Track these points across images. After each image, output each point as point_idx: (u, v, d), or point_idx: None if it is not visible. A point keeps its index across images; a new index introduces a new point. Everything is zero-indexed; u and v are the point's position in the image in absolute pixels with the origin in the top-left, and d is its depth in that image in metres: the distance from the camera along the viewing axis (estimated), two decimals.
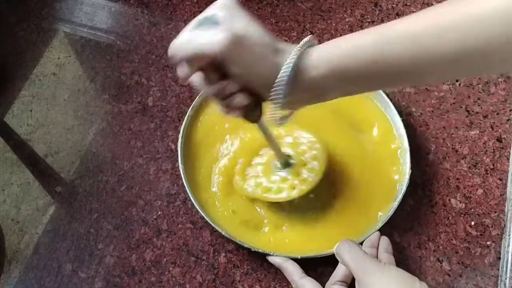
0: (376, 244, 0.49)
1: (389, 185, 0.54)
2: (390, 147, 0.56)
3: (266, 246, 0.50)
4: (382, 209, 0.52)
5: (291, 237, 0.52)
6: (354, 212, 0.53)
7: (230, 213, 0.53)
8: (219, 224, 0.51)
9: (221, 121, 0.58)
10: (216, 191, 0.54)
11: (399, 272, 0.41)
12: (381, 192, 0.53)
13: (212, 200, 0.54)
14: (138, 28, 0.70)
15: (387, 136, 0.57)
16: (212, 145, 0.57)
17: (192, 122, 0.58)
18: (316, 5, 0.70)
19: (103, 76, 0.66)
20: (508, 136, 0.58)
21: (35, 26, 0.72)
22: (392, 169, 0.55)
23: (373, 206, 0.53)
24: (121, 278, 0.52)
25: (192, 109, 0.58)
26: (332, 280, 0.46)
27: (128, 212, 0.56)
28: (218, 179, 0.55)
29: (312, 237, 0.52)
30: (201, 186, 0.55)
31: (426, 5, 0.69)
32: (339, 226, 0.52)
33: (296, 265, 0.48)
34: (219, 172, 0.55)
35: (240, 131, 0.57)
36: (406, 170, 0.53)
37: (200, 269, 0.52)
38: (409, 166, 0.53)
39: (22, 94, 0.66)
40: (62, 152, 0.61)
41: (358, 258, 0.42)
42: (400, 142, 0.56)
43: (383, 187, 0.54)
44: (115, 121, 0.62)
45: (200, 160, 0.57)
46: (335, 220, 0.52)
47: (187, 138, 0.57)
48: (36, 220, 0.56)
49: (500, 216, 0.53)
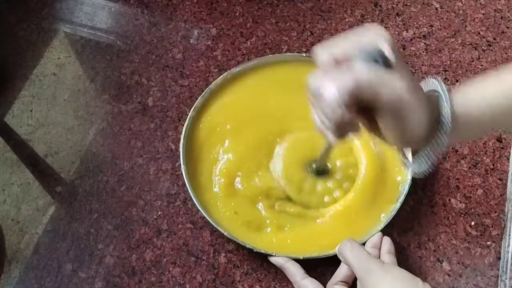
0: (379, 245, 0.49)
1: (392, 186, 0.54)
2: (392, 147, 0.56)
3: (268, 247, 0.50)
4: (385, 210, 0.52)
5: (293, 237, 0.52)
6: (356, 213, 0.53)
7: (232, 214, 0.53)
8: (221, 225, 0.51)
9: (223, 122, 0.58)
10: (217, 192, 0.54)
11: (402, 273, 0.41)
12: (384, 193, 0.53)
13: (214, 201, 0.54)
14: (138, 28, 0.70)
15: None
16: (214, 146, 0.57)
17: (194, 123, 0.58)
18: (316, 5, 0.70)
19: (103, 76, 0.66)
20: (508, 136, 0.58)
21: (35, 26, 0.72)
22: (394, 170, 0.55)
23: (375, 208, 0.53)
24: (121, 278, 0.52)
25: (194, 109, 0.58)
26: (334, 280, 0.46)
27: (128, 212, 0.56)
28: (220, 180, 0.55)
29: (315, 238, 0.52)
30: (202, 187, 0.55)
31: (426, 5, 0.69)
32: (342, 227, 0.52)
33: (297, 265, 0.48)
34: (220, 173, 0.55)
35: (242, 132, 0.57)
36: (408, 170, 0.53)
37: (200, 269, 0.52)
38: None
39: (22, 94, 0.66)
40: (62, 152, 0.61)
41: (360, 257, 0.42)
42: None
43: (386, 188, 0.54)
44: (115, 121, 0.62)
45: (202, 161, 0.56)
46: (337, 221, 0.52)
47: (189, 139, 0.57)
48: (36, 220, 0.56)
49: (500, 216, 0.53)
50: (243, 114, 0.59)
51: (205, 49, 0.67)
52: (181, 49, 0.67)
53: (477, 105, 0.36)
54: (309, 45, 0.66)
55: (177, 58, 0.67)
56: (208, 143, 0.57)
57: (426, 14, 0.68)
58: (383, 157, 0.56)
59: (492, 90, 0.37)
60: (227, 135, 0.58)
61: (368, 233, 0.50)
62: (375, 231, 0.50)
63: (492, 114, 0.36)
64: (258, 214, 0.53)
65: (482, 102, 0.36)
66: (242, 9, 0.70)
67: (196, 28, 0.69)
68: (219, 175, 0.55)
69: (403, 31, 0.67)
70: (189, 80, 0.65)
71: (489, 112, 0.36)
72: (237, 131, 0.58)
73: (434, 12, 0.68)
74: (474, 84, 0.37)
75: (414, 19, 0.68)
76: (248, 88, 0.60)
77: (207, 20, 0.70)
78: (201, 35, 0.69)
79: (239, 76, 0.61)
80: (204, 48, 0.67)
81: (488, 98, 0.36)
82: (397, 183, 0.54)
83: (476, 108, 0.36)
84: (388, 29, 0.67)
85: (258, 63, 0.61)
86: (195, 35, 0.69)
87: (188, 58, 0.67)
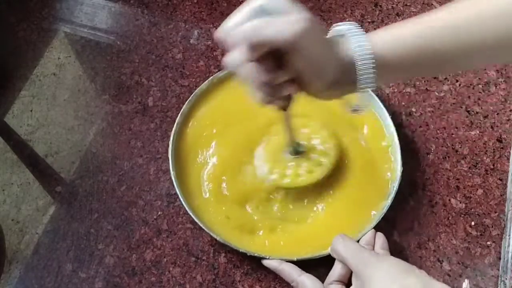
0: (372, 242, 0.49)
1: (382, 183, 0.54)
2: (380, 144, 0.56)
3: (262, 249, 0.50)
4: (376, 208, 0.52)
5: (285, 238, 0.52)
6: (347, 212, 0.53)
7: (224, 218, 0.53)
8: (213, 230, 0.51)
9: (210, 126, 0.59)
10: (208, 197, 0.54)
11: (396, 261, 0.41)
12: (374, 190, 0.53)
13: (205, 206, 0.54)
14: (138, 28, 0.70)
15: (377, 134, 0.57)
16: (201, 151, 0.57)
17: (181, 129, 0.58)
18: (316, 5, 0.70)
19: (103, 76, 0.66)
20: (508, 136, 0.58)
21: (35, 26, 0.72)
22: (384, 167, 0.55)
23: (366, 205, 0.53)
24: (121, 278, 0.52)
25: (181, 115, 0.58)
26: (329, 280, 0.46)
27: (128, 212, 0.56)
28: (208, 185, 0.55)
29: (307, 238, 0.52)
30: (193, 193, 0.55)
31: (426, 5, 0.69)
32: (333, 226, 0.52)
33: (292, 265, 0.48)
34: (208, 178, 0.55)
35: (227, 135, 0.58)
36: (397, 167, 0.53)
37: (200, 269, 0.52)
38: (401, 164, 0.53)
39: (22, 94, 0.66)
40: (62, 152, 0.61)
41: (354, 250, 0.42)
42: (390, 139, 0.56)
43: (376, 186, 0.54)
44: (115, 121, 0.62)
45: (190, 167, 0.56)
46: (329, 220, 0.52)
47: (177, 145, 0.57)
48: (36, 220, 0.56)
49: (500, 216, 0.53)
50: (228, 117, 0.59)
51: (205, 49, 0.67)
52: (181, 49, 0.67)
53: (392, 44, 0.37)
54: None
55: (177, 58, 0.67)
56: (195, 148, 0.58)
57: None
58: (372, 154, 0.56)
59: (408, 30, 0.38)
60: (213, 139, 0.58)
61: (360, 231, 0.50)
62: (367, 229, 0.50)
63: (407, 53, 0.37)
64: (249, 217, 0.53)
65: (397, 41, 0.37)
66: None
67: (196, 28, 0.69)
68: (207, 180, 0.55)
69: None
70: (189, 80, 0.65)
71: (405, 52, 0.37)
72: (222, 134, 0.58)
73: None
74: (393, 25, 0.38)
75: None
76: (234, 91, 0.60)
77: (207, 20, 0.70)
78: (201, 35, 0.69)
79: (225, 80, 0.61)
80: (204, 48, 0.67)
81: (403, 36, 0.37)
82: (387, 180, 0.54)
83: (391, 46, 0.37)
84: None
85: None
86: (195, 35, 0.69)
87: (188, 58, 0.67)
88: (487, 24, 0.35)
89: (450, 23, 0.37)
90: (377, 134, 0.57)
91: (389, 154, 0.55)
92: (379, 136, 0.57)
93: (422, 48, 0.37)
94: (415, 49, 0.37)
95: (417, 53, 0.37)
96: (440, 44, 0.37)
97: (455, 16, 0.37)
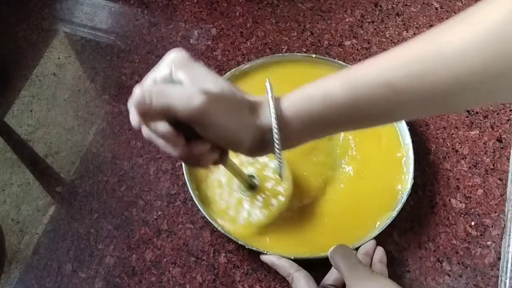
0: (371, 252, 0.49)
1: (391, 194, 0.53)
2: (395, 155, 0.55)
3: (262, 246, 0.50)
4: (381, 218, 0.52)
5: (286, 238, 0.52)
6: (353, 219, 0.53)
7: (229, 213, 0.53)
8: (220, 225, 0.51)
9: None
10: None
11: (389, 281, 0.41)
12: (382, 200, 0.53)
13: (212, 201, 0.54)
14: (138, 28, 0.70)
15: (392, 144, 0.56)
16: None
17: None
18: (316, 5, 0.70)
19: (103, 76, 0.66)
20: (508, 136, 0.58)
21: (35, 26, 0.72)
22: (395, 177, 0.54)
23: (372, 215, 0.52)
24: (121, 278, 0.52)
25: None
26: (325, 282, 0.47)
27: (128, 212, 0.56)
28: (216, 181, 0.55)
29: (308, 242, 0.52)
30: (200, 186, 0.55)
31: (426, 5, 0.69)
32: (336, 231, 0.52)
33: (290, 261, 0.48)
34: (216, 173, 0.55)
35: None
36: (409, 179, 0.53)
37: (200, 269, 0.52)
38: (412, 176, 0.53)
39: (22, 94, 0.66)
40: (62, 152, 0.61)
41: (351, 264, 0.43)
42: (405, 151, 0.55)
43: (385, 196, 0.53)
44: (115, 121, 0.62)
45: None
46: (333, 226, 0.52)
47: None
48: (36, 220, 0.56)
49: (500, 216, 0.53)
50: None
51: (205, 49, 0.67)
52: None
53: (301, 106, 0.34)
54: (309, 45, 0.66)
55: None
56: None
57: (426, 14, 0.68)
58: (381, 164, 0.56)
59: (309, 90, 0.34)
60: None
61: (361, 239, 0.50)
62: (369, 238, 0.50)
63: (312, 116, 0.34)
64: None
65: (302, 103, 0.34)
66: (242, 9, 0.70)
67: (196, 28, 0.69)
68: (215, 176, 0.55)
69: (403, 31, 0.67)
70: None
71: (309, 116, 0.34)
72: None
73: (434, 12, 0.68)
74: (301, 88, 0.35)
75: (414, 19, 0.68)
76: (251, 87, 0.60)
77: (207, 20, 0.70)
78: (201, 35, 0.69)
79: (244, 74, 0.61)
80: (204, 48, 0.67)
81: (307, 96, 0.34)
82: (397, 191, 0.53)
83: (300, 110, 0.34)
84: (388, 29, 0.67)
85: (264, 62, 0.61)
86: (195, 35, 0.69)
87: None
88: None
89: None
90: (392, 144, 0.56)
91: (402, 165, 0.55)
92: (394, 146, 0.56)
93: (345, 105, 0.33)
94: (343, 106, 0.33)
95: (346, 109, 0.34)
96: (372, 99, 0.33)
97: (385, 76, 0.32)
